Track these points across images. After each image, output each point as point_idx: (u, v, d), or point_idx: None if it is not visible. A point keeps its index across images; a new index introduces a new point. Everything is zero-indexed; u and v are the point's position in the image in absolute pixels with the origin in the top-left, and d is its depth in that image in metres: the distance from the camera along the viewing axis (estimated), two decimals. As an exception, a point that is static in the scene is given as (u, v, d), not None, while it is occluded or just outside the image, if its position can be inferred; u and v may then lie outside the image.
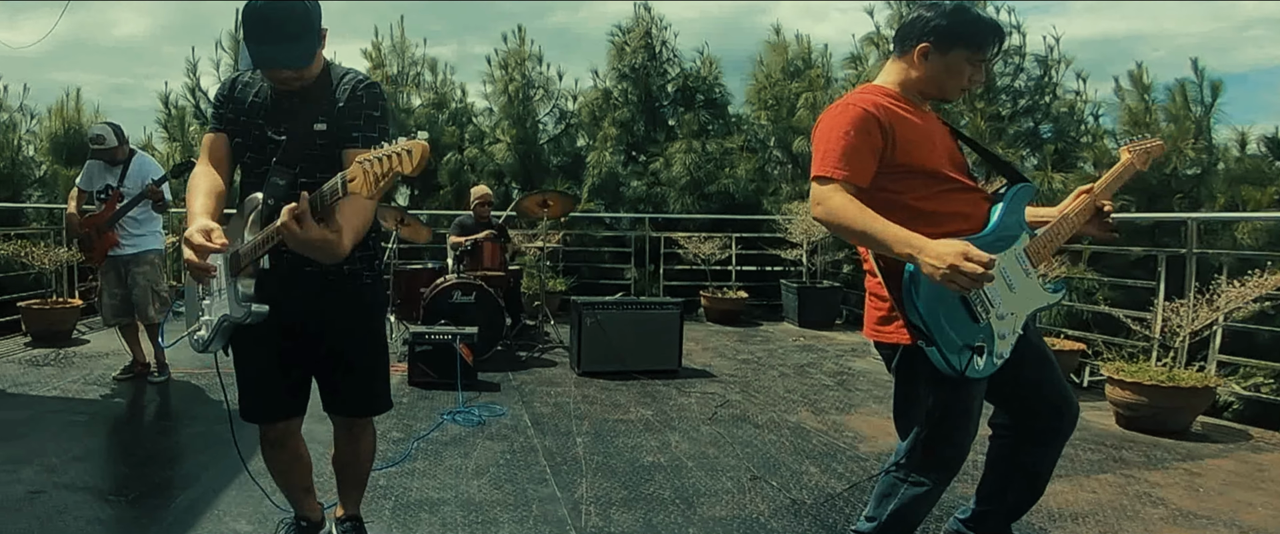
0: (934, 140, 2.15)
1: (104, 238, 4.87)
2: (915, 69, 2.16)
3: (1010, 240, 2.11)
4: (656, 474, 3.57)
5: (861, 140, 2.00)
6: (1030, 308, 2.15)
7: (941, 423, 2.15)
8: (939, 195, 2.10)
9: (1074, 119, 9.34)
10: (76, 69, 29.26)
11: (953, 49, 2.12)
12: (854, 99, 2.09)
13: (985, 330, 2.01)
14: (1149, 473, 3.70)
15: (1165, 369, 4.46)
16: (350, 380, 2.32)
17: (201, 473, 3.47)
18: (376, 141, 1.98)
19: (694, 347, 6.81)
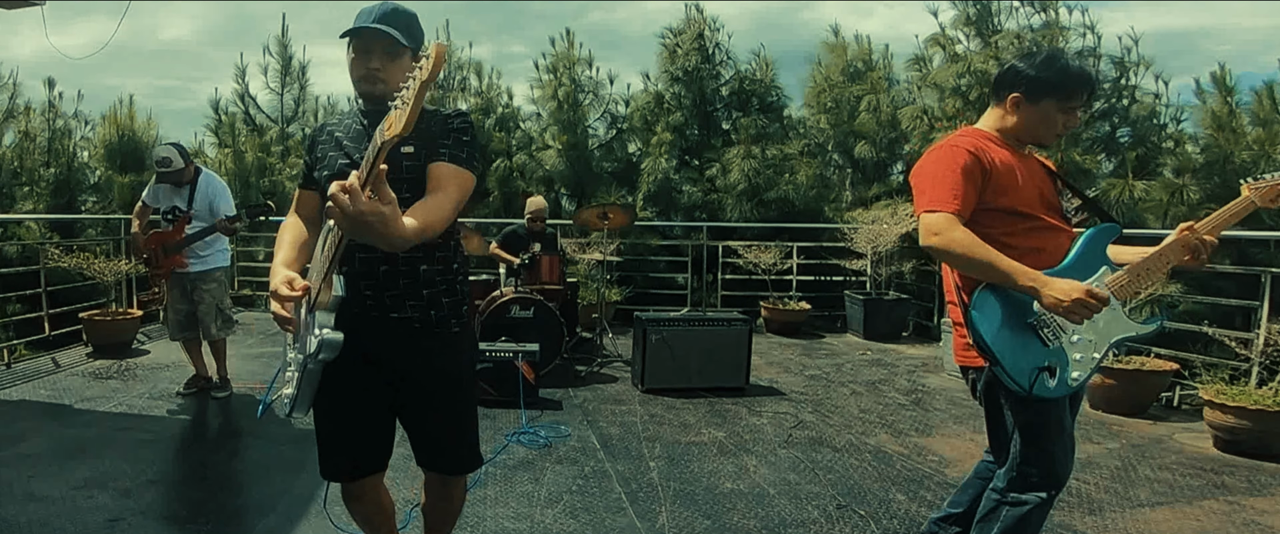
0: (1029, 182, 2.25)
1: (171, 259, 4.85)
2: (1010, 116, 2.28)
3: (1087, 273, 2.18)
4: (738, 502, 3.42)
5: (966, 178, 2.14)
6: (1113, 337, 2.21)
7: (1033, 440, 2.21)
8: (1025, 232, 2.20)
9: (1154, 123, 8.99)
10: (124, 73, 29.97)
11: (1043, 99, 2.22)
12: (957, 142, 2.23)
13: (1056, 354, 2.13)
14: (1254, 500, 3.51)
15: (1272, 393, 4.20)
16: (440, 437, 2.19)
17: (278, 500, 3.41)
18: (465, 162, 1.96)
19: (758, 360, 6.62)
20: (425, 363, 2.09)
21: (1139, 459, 4.10)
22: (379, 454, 2.20)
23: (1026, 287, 2.06)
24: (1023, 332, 2.12)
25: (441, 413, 2.15)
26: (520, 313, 5.69)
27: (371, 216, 1.54)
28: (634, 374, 5.59)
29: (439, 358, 2.11)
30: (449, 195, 1.88)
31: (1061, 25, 8.98)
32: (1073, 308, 2.01)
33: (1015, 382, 2.10)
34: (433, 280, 2.06)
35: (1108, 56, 9.05)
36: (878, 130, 9.46)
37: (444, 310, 2.09)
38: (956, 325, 2.30)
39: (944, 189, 2.13)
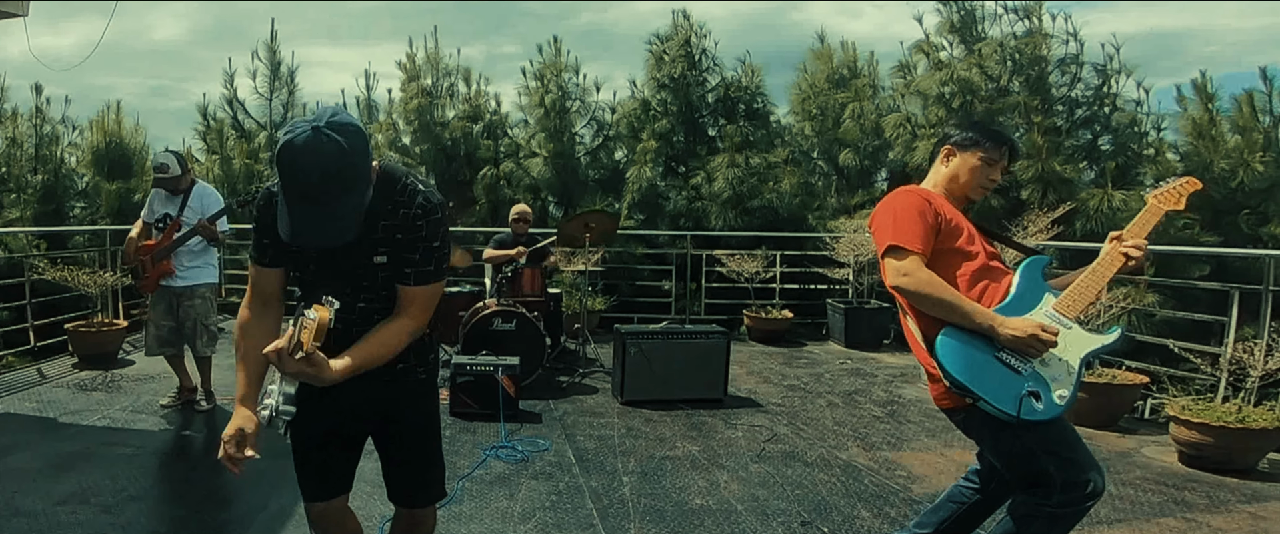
0: (974, 231, 2.47)
1: (159, 267, 4.91)
2: (943, 166, 2.58)
3: (1032, 303, 2.31)
4: (706, 519, 3.50)
5: (925, 222, 2.35)
6: (1080, 353, 2.27)
7: (1054, 453, 2.24)
8: (974, 273, 2.38)
9: (1135, 132, 9.06)
10: (115, 73, 30.01)
11: (969, 149, 2.53)
12: (911, 189, 2.50)
13: (1033, 378, 2.21)
14: (1212, 517, 3.59)
15: (1235, 409, 4.28)
16: (403, 472, 2.29)
17: (256, 515, 3.48)
18: (433, 276, 1.99)
19: (739, 370, 6.71)
20: (393, 408, 2.19)
21: (1104, 473, 4.18)
22: (339, 480, 2.28)
23: (985, 325, 2.21)
24: (992, 364, 2.22)
25: (407, 454, 2.26)
26: (502, 325, 5.76)
27: (302, 375, 1.78)
28: (614, 386, 5.67)
29: (405, 403, 2.21)
30: (407, 324, 1.99)
31: (1044, 32, 9.06)
32: (1028, 343, 2.17)
33: (1002, 411, 2.17)
34: None
35: (1090, 64, 9.15)
36: (862, 138, 9.55)
37: (408, 361, 2.16)
38: (929, 375, 2.40)
39: (908, 230, 2.33)
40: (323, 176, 1.73)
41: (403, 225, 1.95)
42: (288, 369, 1.75)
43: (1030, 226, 6.41)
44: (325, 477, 2.23)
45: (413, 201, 1.96)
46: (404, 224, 1.95)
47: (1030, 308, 2.30)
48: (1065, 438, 2.28)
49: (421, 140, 10.29)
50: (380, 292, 2.00)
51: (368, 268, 1.98)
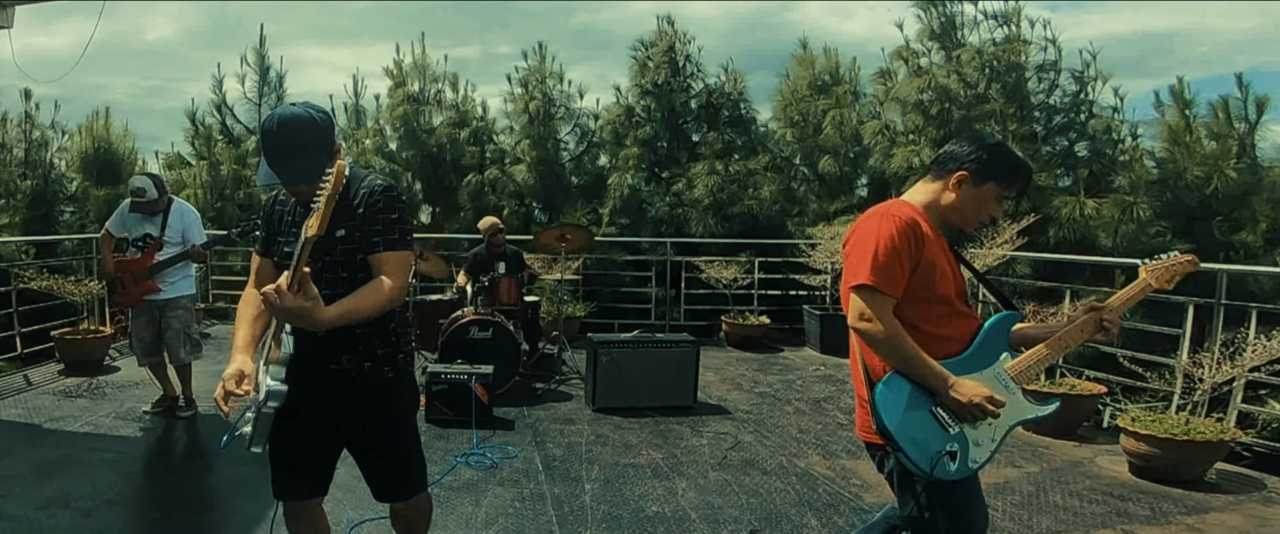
0: (946, 264, 2.27)
1: (142, 285, 5.03)
2: (949, 194, 2.28)
3: (989, 360, 2.24)
4: (660, 526, 3.64)
5: (903, 258, 2.15)
6: (1012, 421, 2.24)
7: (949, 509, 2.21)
8: (939, 318, 2.23)
9: (1111, 138, 9.18)
10: (108, 73, 30.08)
11: (987, 182, 2.24)
12: (897, 212, 2.21)
13: (957, 438, 2.15)
14: (1150, 529, 3.71)
15: (1182, 421, 4.40)
16: (381, 470, 2.47)
17: (231, 520, 3.62)
18: (399, 244, 2.25)
19: (713, 376, 6.85)
20: (362, 407, 2.36)
21: (1054, 484, 4.31)
22: (319, 481, 2.47)
23: (935, 385, 2.14)
24: (926, 417, 2.16)
25: (381, 451, 2.44)
26: (479, 334, 5.89)
27: (297, 311, 1.95)
28: (586, 394, 5.80)
29: (374, 401, 2.38)
30: (387, 283, 2.20)
31: (1023, 39, 9.18)
32: (973, 411, 2.11)
33: (916, 466, 2.13)
34: (367, 337, 2.31)
35: (1068, 71, 9.26)
36: (842, 145, 9.66)
37: (377, 360, 2.34)
38: (859, 400, 2.34)
39: (885, 272, 2.13)
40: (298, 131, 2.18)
41: (363, 203, 2.25)
42: (286, 304, 1.93)
43: (998, 237, 6.52)
44: (300, 478, 2.43)
45: (372, 185, 2.29)
46: (364, 202, 2.25)
47: (986, 364, 2.24)
48: (965, 497, 2.24)
49: (407, 146, 10.41)
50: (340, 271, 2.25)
51: (330, 242, 2.21)
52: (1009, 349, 2.28)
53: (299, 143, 2.18)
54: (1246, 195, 8.36)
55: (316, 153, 2.19)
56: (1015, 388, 2.23)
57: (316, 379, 2.29)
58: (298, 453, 2.38)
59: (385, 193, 2.26)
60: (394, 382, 2.40)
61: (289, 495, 2.44)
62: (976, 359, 2.23)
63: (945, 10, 9.45)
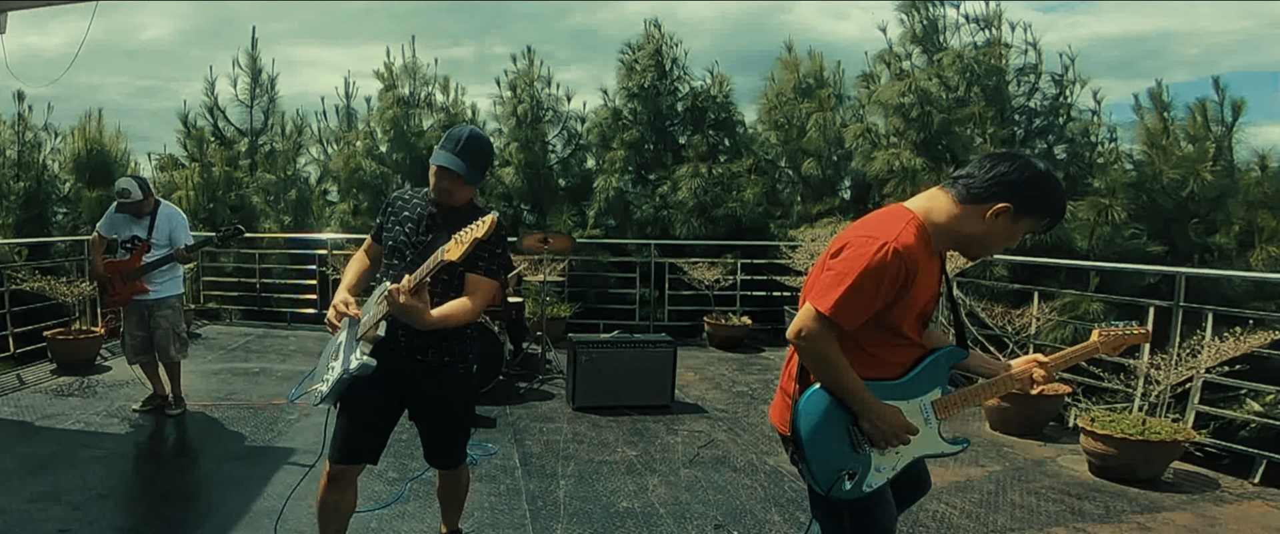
0: (925, 294, 2.18)
1: (131, 286, 5.16)
2: (978, 222, 2.10)
3: (920, 392, 2.24)
4: (629, 521, 3.78)
5: (876, 294, 2.04)
6: (919, 453, 2.27)
7: (861, 513, 2.23)
8: (886, 345, 2.20)
9: (1089, 141, 9.32)
10: (103, 72, 30.13)
11: (1026, 219, 2.10)
12: (897, 242, 2.03)
13: (862, 461, 2.17)
14: (1101, 527, 3.84)
15: (1138, 422, 4.54)
16: (443, 443, 3.04)
17: (215, 513, 3.76)
18: (494, 274, 2.77)
19: (693, 376, 7.00)
20: (437, 392, 2.89)
21: (1014, 483, 4.46)
22: (377, 450, 2.93)
23: (858, 407, 2.12)
24: (841, 432, 2.16)
25: (445, 428, 3.01)
26: (463, 333, 6.02)
27: (411, 311, 2.48)
28: (567, 393, 5.95)
29: (447, 390, 2.91)
30: (475, 301, 2.71)
31: (1004, 42, 9.32)
32: (887, 439, 2.12)
33: (816, 481, 2.17)
34: (448, 336, 2.79)
35: (1049, 74, 9.40)
36: (825, 147, 9.80)
37: (454, 356, 2.86)
38: (783, 393, 2.34)
39: (850, 306, 2.04)
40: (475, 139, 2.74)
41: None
42: (403, 302, 2.45)
43: None
44: (365, 444, 2.88)
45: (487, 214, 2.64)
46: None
47: (918, 394, 2.24)
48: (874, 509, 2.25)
49: (397, 149, 10.54)
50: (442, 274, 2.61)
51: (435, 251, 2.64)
52: (944, 385, 2.29)
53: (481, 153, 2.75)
54: (1222, 198, 8.48)
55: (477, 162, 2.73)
56: (934, 423, 2.26)
57: (404, 364, 2.77)
58: (370, 422, 2.85)
59: (498, 226, 2.55)
60: (464, 375, 2.95)
61: (352, 458, 2.86)
62: (911, 387, 2.22)
63: (928, 14, 9.60)
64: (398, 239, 2.82)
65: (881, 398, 2.15)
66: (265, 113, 11.19)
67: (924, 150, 8.93)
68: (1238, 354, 4.47)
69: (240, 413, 5.51)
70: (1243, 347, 4.45)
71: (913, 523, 3.80)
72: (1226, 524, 3.89)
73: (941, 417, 2.27)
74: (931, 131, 8.96)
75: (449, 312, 2.64)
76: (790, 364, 2.31)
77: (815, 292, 2.11)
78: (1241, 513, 4.04)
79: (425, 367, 2.81)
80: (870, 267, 2.01)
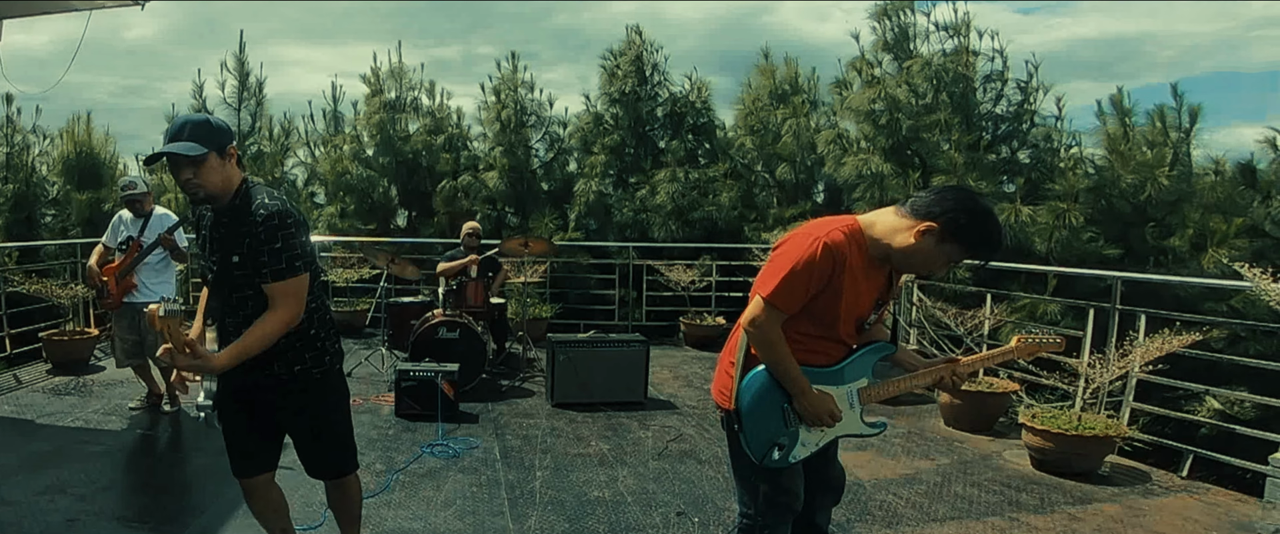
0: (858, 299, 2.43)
1: (123, 284, 5.37)
2: (908, 238, 2.32)
3: (849, 380, 2.54)
4: (598, 509, 4.08)
5: (810, 283, 2.32)
6: (842, 432, 2.57)
7: (776, 475, 2.53)
8: (815, 338, 2.48)
9: (1050, 147, 9.66)
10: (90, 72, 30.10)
11: (950, 243, 2.29)
12: (828, 236, 2.33)
13: (791, 435, 2.49)
14: (1034, 517, 4.13)
15: (1074, 418, 4.85)
16: (316, 453, 2.88)
17: (210, 503, 4.02)
18: (285, 272, 2.48)
19: (667, 374, 7.31)
20: (294, 402, 2.74)
21: (960, 475, 4.78)
22: (266, 459, 2.87)
23: (794, 390, 2.42)
24: (774, 408, 2.46)
25: (311, 437, 2.84)
26: (447, 334, 6.31)
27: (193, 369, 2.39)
28: (546, 391, 6.24)
29: (305, 398, 2.75)
30: (282, 310, 2.49)
31: (972, 50, 9.64)
32: (815, 417, 2.43)
33: (750, 450, 2.47)
34: (293, 348, 2.65)
35: (1015, 81, 9.74)
36: (798, 152, 10.12)
37: (305, 364, 2.69)
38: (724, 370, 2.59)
39: (787, 292, 2.33)
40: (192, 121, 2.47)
41: (250, 231, 2.48)
42: (179, 364, 2.33)
43: None
44: (248, 458, 2.84)
45: (257, 212, 2.48)
46: (250, 230, 2.48)
47: (847, 381, 2.53)
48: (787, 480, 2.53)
49: (384, 153, 10.79)
50: (243, 290, 2.54)
51: (228, 268, 2.55)
52: (870, 375, 2.58)
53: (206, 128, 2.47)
54: (1178, 202, 8.80)
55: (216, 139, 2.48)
56: (858, 408, 2.56)
57: (256, 380, 2.64)
58: (246, 438, 2.79)
59: (266, 222, 2.45)
60: (321, 380, 2.74)
61: (241, 473, 2.84)
62: (841, 375, 2.52)
63: (899, 21, 9.91)
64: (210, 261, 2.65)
65: (814, 382, 2.45)
66: (253, 115, 11.39)
67: (892, 156, 9.25)
68: (1164, 354, 4.80)
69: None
70: (1169, 347, 4.79)
71: (861, 511, 4.12)
72: (1150, 515, 4.18)
73: (865, 402, 2.57)
74: (900, 137, 9.28)
75: (243, 346, 2.42)
76: (732, 343, 2.58)
77: (758, 283, 2.42)
78: (1166, 505, 4.33)
79: (276, 379, 2.65)
80: (802, 258, 2.31)
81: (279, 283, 2.47)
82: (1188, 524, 4.07)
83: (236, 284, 2.55)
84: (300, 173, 11.57)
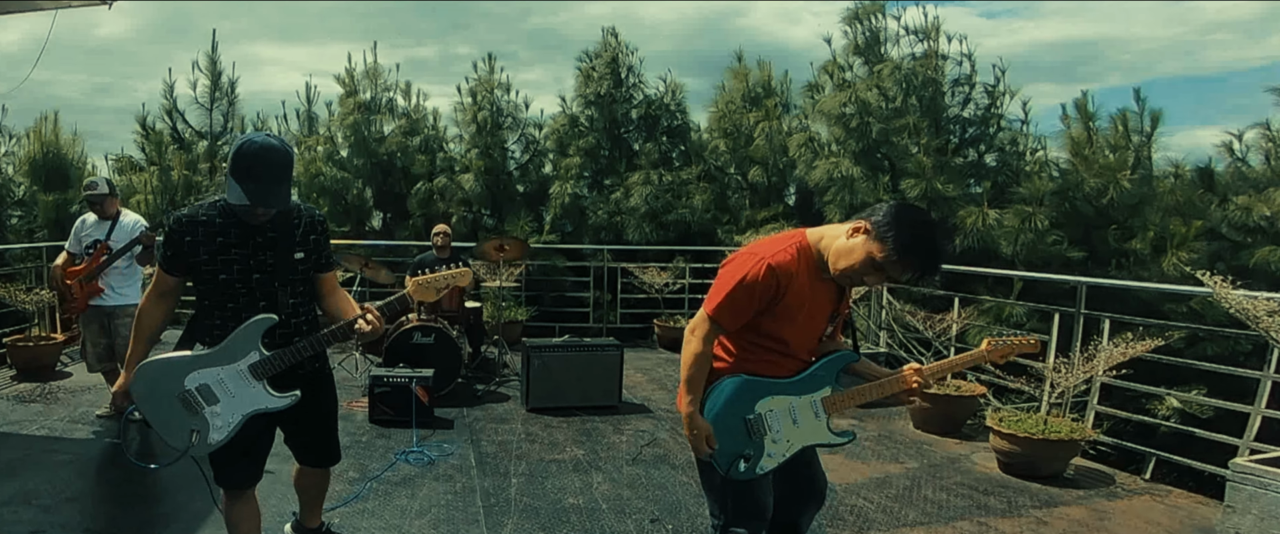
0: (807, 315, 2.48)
1: (88, 288, 5.29)
2: (844, 239, 2.37)
3: (812, 389, 2.58)
4: (573, 516, 4.10)
5: (752, 300, 2.39)
6: (807, 442, 2.61)
7: (741, 493, 2.57)
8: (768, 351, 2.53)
9: (1016, 150, 9.81)
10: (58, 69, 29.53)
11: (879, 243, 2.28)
12: (770, 254, 2.39)
13: (756, 446, 2.52)
14: (1002, 520, 4.22)
15: (1040, 421, 4.95)
16: (323, 442, 3.11)
17: (180, 513, 3.98)
18: (337, 265, 3.00)
19: (641, 377, 7.34)
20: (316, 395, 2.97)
21: (929, 479, 4.86)
22: (261, 469, 3.00)
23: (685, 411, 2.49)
24: (737, 423, 2.50)
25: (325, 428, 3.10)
26: (422, 339, 6.29)
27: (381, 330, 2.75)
28: (521, 395, 6.25)
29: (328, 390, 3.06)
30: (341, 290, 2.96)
31: (941, 53, 9.76)
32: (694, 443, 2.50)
33: (717, 462, 2.50)
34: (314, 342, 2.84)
35: (982, 84, 9.88)
36: (771, 155, 10.19)
37: (322, 359, 3.00)
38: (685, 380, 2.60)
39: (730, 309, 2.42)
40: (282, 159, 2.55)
41: (310, 230, 2.82)
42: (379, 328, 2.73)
43: None
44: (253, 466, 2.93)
45: (311, 214, 2.85)
46: (310, 230, 2.82)
47: (809, 391, 2.57)
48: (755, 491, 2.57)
49: (358, 154, 10.71)
50: (299, 283, 2.81)
51: (290, 266, 2.77)
52: (834, 384, 2.61)
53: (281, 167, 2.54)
54: (1140, 205, 8.99)
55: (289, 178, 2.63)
56: (824, 417, 2.60)
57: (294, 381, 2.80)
58: (256, 445, 2.88)
59: (322, 223, 2.88)
60: (329, 372, 3.06)
61: (244, 483, 2.93)
62: (804, 385, 2.57)
63: (871, 25, 10.01)
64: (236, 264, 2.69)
65: (777, 393, 2.53)
66: (225, 116, 11.26)
67: (863, 159, 9.36)
68: (1127, 359, 4.91)
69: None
70: (1132, 351, 4.90)
71: (832, 516, 4.18)
72: (1114, 518, 4.28)
73: (830, 411, 2.60)
74: (870, 141, 9.38)
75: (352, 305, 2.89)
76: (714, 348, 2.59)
77: (708, 297, 2.50)
78: (1130, 508, 4.44)
79: (315, 375, 2.92)
80: (744, 277, 2.38)
81: (334, 272, 2.96)
82: (1150, 528, 4.17)
83: (296, 280, 2.80)
84: (273, 173, 11.41)
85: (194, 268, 2.69)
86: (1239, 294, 4.34)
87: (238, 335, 2.67)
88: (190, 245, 2.66)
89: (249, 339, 2.67)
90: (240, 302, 2.70)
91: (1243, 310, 4.25)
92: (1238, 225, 8.50)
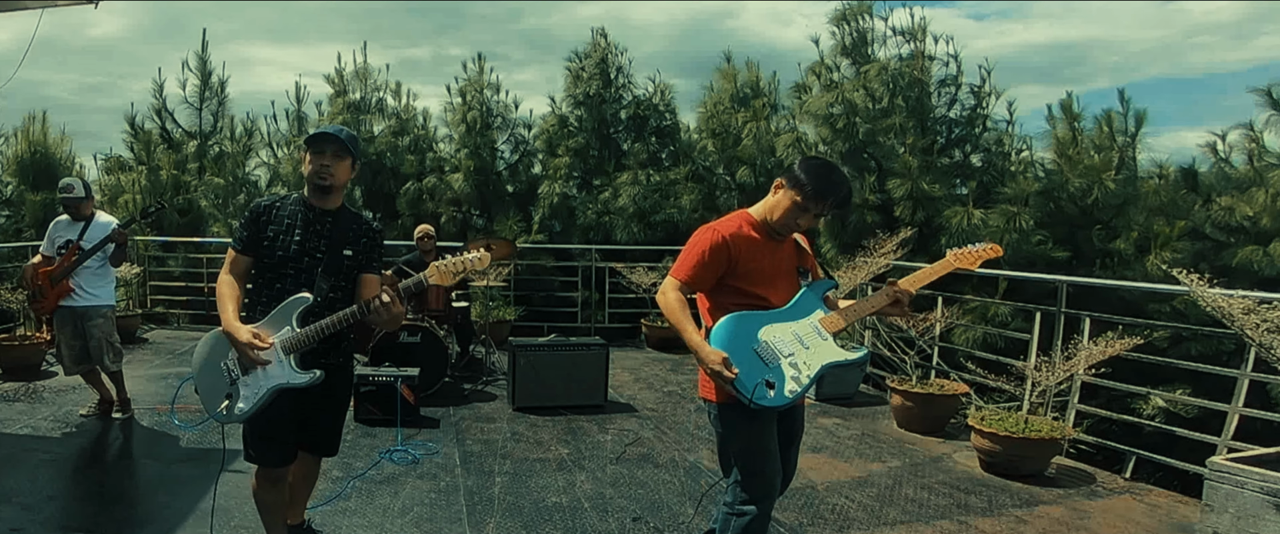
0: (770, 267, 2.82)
1: (58, 288, 5.23)
2: (772, 196, 2.81)
3: (804, 314, 2.82)
4: (556, 514, 4.12)
5: (710, 261, 2.76)
6: (824, 360, 2.76)
7: (749, 459, 2.80)
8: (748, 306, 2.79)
9: (1002, 151, 9.86)
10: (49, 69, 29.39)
11: (792, 189, 2.73)
12: (721, 227, 2.81)
13: (775, 371, 2.68)
14: (982, 519, 4.24)
15: (1021, 420, 4.97)
16: (334, 432, 3.30)
17: (161, 513, 3.97)
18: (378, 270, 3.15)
19: (627, 377, 7.36)
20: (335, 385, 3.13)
21: (910, 478, 4.88)
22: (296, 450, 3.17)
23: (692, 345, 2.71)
24: (747, 354, 2.66)
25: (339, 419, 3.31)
26: (408, 338, 6.29)
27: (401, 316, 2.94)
28: (507, 394, 6.26)
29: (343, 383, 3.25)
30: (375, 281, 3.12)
31: (928, 55, 9.80)
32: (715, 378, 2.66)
33: (742, 394, 2.60)
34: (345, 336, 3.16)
35: (969, 85, 9.93)
36: (759, 156, 10.22)
37: (346, 354, 3.22)
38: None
39: (685, 266, 2.80)
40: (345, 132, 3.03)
41: (366, 234, 3.11)
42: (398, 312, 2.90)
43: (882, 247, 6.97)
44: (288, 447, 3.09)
45: (372, 223, 3.18)
46: (366, 233, 3.11)
47: (803, 316, 2.80)
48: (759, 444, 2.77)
49: (346, 153, 10.68)
50: (341, 277, 3.02)
51: (339, 259, 3.02)
52: (823, 307, 2.85)
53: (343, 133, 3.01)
54: (1124, 205, 9.04)
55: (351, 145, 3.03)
56: (828, 337, 2.80)
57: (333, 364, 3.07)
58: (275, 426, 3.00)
59: (377, 232, 3.16)
60: (351, 367, 3.32)
61: (283, 460, 3.08)
62: (792, 312, 2.80)
63: (858, 26, 10.05)
64: (293, 246, 2.99)
65: (772, 321, 2.77)
66: (215, 115, 11.26)
67: (850, 159, 9.39)
68: (1107, 357, 4.94)
69: (187, 416, 5.68)
70: (1112, 350, 4.93)
71: (813, 515, 4.21)
72: (1094, 517, 4.30)
73: (830, 331, 2.80)
74: (857, 141, 9.42)
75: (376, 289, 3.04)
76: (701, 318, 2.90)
77: (673, 267, 2.87)
78: (1109, 507, 4.47)
79: (330, 366, 3.04)
80: (701, 246, 2.78)
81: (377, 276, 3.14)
82: (1130, 527, 4.20)
83: (342, 272, 3.03)
84: (263, 174, 11.46)
85: (260, 243, 3.00)
86: (1215, 293, 4.37)
87: (277, 312, 2.93)
88: (263, 224, 3.01)
89: (285, 316, 2.91)
90: (286, 282, 2.98)
91: (1219, 308, 4.28)
92: (1221, 225, 8.55)
